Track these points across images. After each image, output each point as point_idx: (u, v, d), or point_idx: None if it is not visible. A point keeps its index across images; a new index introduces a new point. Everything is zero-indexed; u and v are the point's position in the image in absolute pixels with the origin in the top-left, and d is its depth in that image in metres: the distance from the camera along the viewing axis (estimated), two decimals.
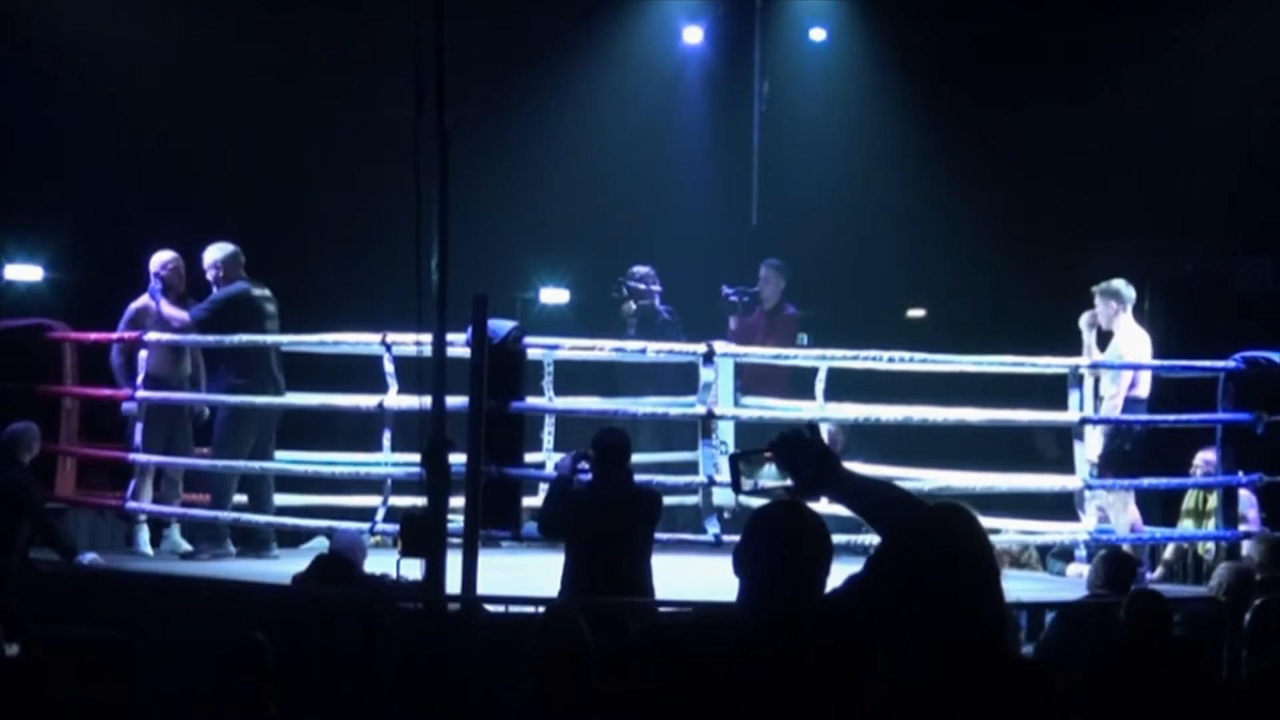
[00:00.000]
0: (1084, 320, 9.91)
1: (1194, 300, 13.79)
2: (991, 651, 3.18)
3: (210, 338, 10.13)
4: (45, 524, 9.36)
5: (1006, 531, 9.60)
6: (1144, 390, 9.80)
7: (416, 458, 7.43)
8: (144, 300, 10.27)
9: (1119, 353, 9.78)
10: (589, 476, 7.80)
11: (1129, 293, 9.90)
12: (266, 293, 10.23)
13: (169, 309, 10.10)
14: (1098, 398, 9.84)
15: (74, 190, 12.74)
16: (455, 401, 7.76)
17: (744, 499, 9.62)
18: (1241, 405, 9.55)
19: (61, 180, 12.73)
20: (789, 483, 3.43)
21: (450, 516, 7.57)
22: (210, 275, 10.20)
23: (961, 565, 3.20)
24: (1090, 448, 9.70)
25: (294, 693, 6.52)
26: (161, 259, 10.26)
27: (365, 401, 9.84)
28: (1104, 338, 9.94)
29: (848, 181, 13.86)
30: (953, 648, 3.14)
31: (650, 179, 14.07)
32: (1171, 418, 9.86)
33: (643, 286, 11.58)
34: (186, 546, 10.19)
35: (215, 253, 10.19)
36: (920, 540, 3.23)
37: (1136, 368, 9.78)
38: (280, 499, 10.35)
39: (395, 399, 9.60)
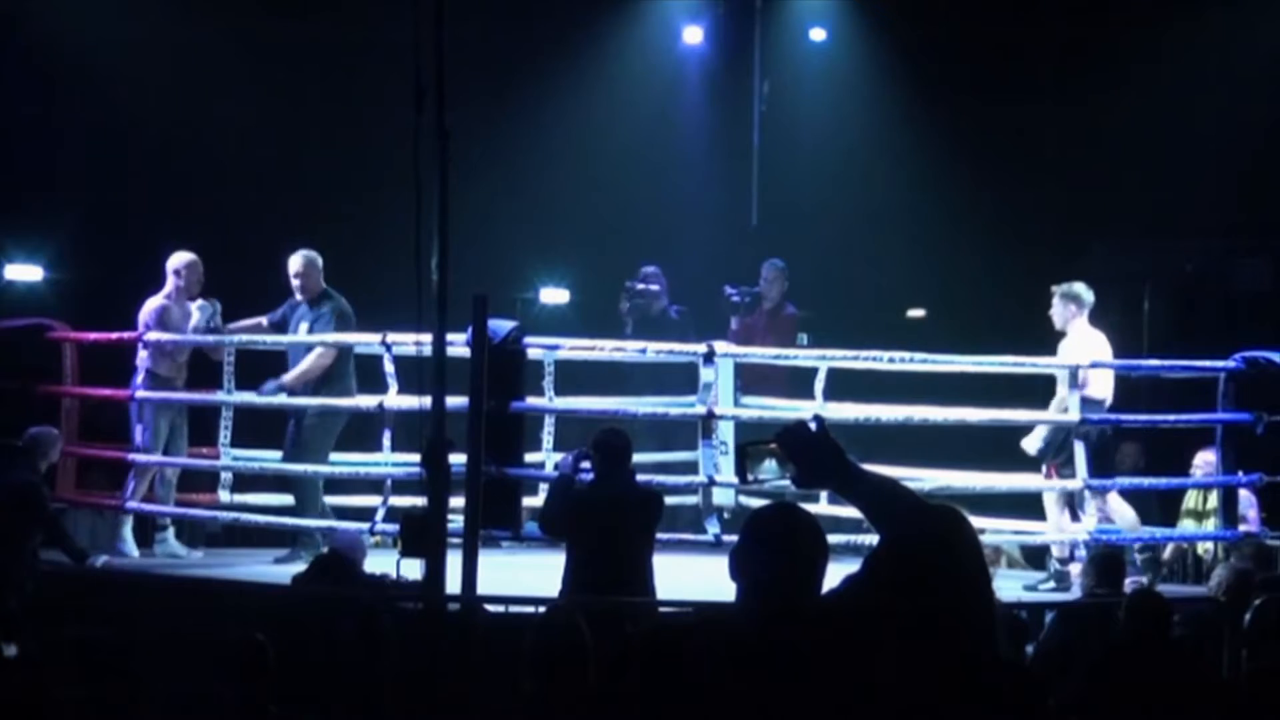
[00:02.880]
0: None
1: (1194, 300, 13.80)
2: (983, 655, 3.18)
3: (211, 338, 10.11)
4: (56, 529, 9.33)
5: (987, 531, 9.62)
6: (1099, 392, 9.69)
7: (416, 458, 7.43)
8: (161, 300, 10.16)
9: (1066, 356, 9.76)
10: (590, 476, 7.81)
11: (1088, 297, 9.79)
12: None
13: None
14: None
15: (74, 190, 12.74)
16: (455, 401, 7.76)
17: (745, 498, 9.70)
18: (1241, 405, 9.55)
19: (61, 180, 12.73)
20: (787, 478, 3.43)
21: (450, 516, 7.57)
22: (296, 284, 10.07)
23: (954, 568, 3.19)
24: (1030, 441, 9.69)
25: (294, 693, 6.52)
26: (182, 259, 10.18)
27: (365, 401, 9.84)
28: (1058, 339, 9.89)
29: (848, 181, 13.87)
30: (945, 650, 3.13)
31: (650, 179, 14.06)
32: (1171, 418, 9.86)
33: (639, 285, 11.56)
34: (182, 550, 10.14)
35: (300, 262, 10.05)
36: (913, 542, 3.23)
37: (1133, 369, 9.78)
38: (280, 499, 10.35)
39: (395, 399, 9.60)
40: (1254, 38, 13.20)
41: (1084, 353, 9.65)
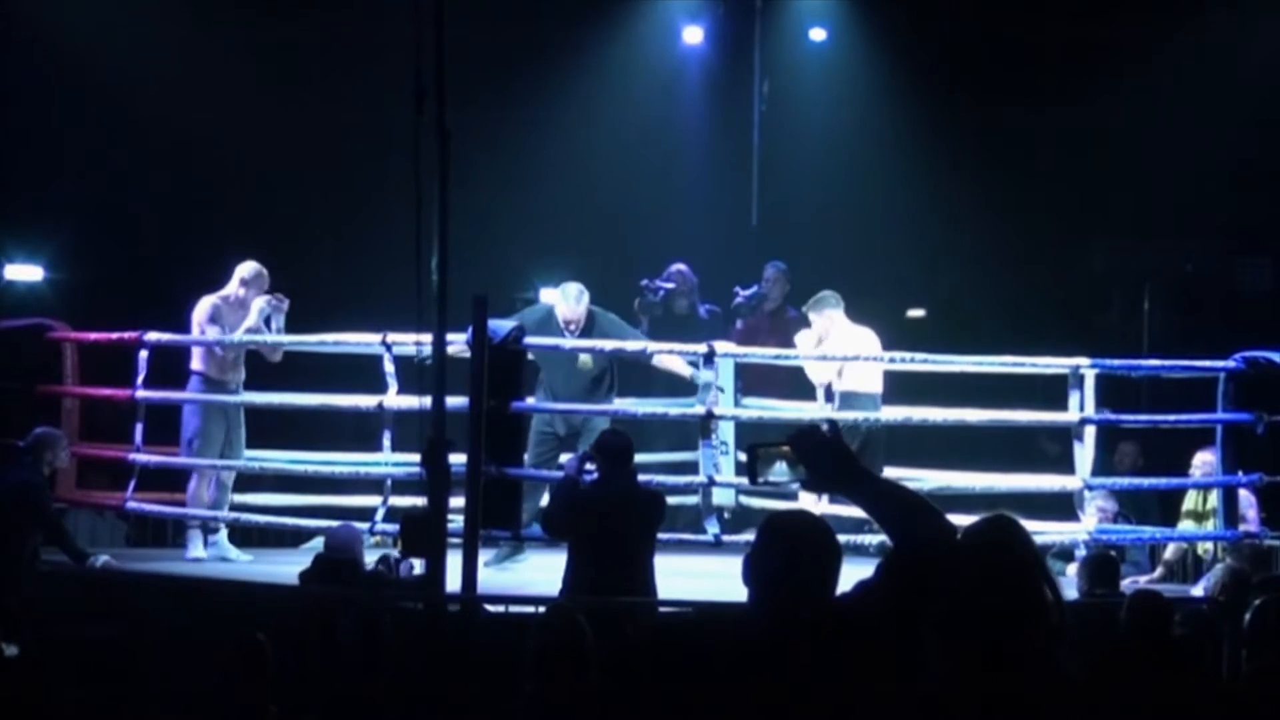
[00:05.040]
0: (805, 339, 10.06)
1: (1194, 300, 13.80)
2: (1026, 663, 3.15)
3: (216, 338, 10.09)
4: (56, 529, 9.32)
5: None
6: (864, 385, 9.84)
7: (416, 458, 7.43)
8: (215, 300, 9.93)
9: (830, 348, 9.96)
10: (594, 477, 7.82)
11: (835, 299, 10.16)
12: None
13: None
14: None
15: (74, 190, 12.75)
16: (455, 401, 7.76)
17: (745, 499, 9.69)
18: (1241, 405, 9.54)
19: (61, 180, 12.74)
20: (797, 482, 3.44)
21: (450, 516, 7.57)
22: (576, 324, 9.92)
23: (1013, 578, 3.19)
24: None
25: (294, 693, 6.52)
26: (251, 269, 10.00)
27: (365, 401, 9.83)
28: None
29: (848, 182, 13.86)
30: (996, 659, 3.11)
31: (650, 179, 14.06)
32: (1172, 418, 9.86)
33: (647, 283, 11.51)
34: (233, 553, 10.03)
35: (584, 305, 9.97)
36: (926, 547, 3.22)
37: (1133, 369, 9.75)
38: (280, 499, 10.34)
39: (395, 399, 9.59)
40: (1254, 38, 13.20)
41: (847, 347, 9.87)
